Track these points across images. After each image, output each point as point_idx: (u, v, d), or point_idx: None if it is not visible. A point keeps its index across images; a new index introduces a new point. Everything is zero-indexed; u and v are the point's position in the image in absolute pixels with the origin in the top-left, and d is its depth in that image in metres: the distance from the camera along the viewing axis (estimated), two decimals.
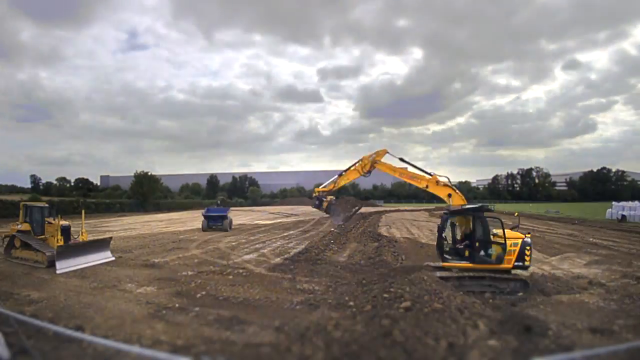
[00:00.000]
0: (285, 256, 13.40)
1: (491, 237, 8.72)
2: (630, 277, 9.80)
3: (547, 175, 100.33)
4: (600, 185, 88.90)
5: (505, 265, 8.58)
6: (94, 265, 11.44)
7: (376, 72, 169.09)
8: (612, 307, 7.19)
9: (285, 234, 21.24)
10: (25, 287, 8.79)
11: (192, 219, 33.98)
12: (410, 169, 21.03)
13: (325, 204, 26.87)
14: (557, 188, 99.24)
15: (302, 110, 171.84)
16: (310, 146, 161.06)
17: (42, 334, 4.70)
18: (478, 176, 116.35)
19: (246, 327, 6.09)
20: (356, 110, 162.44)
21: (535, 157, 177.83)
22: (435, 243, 16.73)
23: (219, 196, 68.41)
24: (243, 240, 18.12)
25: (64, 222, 12.46)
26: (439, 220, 27.74)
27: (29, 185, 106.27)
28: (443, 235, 9.33)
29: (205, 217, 23.01)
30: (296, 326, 5.93)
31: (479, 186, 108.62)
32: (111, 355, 3.97)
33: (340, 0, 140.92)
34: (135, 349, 3.85)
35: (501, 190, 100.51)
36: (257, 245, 16.31)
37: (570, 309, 6.98)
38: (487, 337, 4.56)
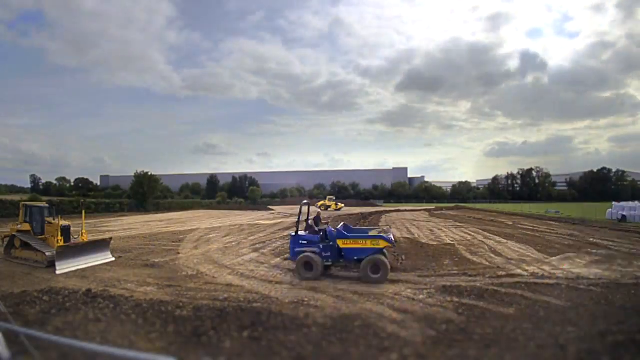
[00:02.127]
0: (285, 256, 13.40)
1: None
2: (630, 277, 9.80)
3: (548, 175, 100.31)
4: (600, 186, 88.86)
5: None
6: (93, 266, 11.44)
7: None
8: None
9: (285, 234, 21.23)
10: (24, 287, 8.78)
11: (192, 219, 34.01)
12: None
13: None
14: (557, 188, 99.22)
15: None
16: None
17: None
18: None
19: (241, 329, 6.08)
20: None
21: None
22: (435, 244, 16.81)
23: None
24: (243, 240, 18.13)
25: (64, 222, 12.47)
26: (439, 220, 27.65)
27: (28, 185, 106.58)
28: None
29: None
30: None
31: (479, 186, 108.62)
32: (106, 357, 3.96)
33: None
34: (126, 351, 3.84)
35: (501, 190, 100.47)
36: (257, 245, 16.31)
37: None
38: None
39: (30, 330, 4.33)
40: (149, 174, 54.34)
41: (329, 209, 51.92)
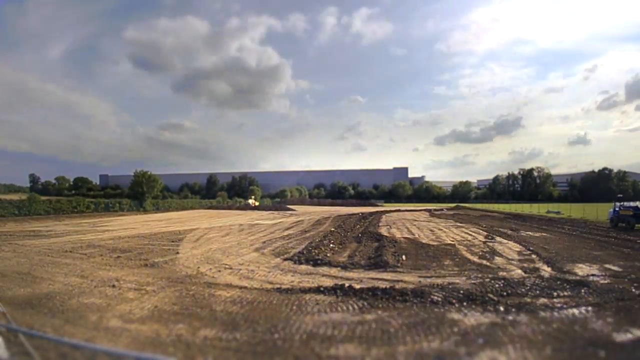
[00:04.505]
0: (285, 256, 13.37)
1: None
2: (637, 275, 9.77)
3: (549, 175, 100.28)
4: (601, 186, 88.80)
5: None
6: (92, 265, 11.41)
7: None
8: None
9: (285, 234, 21.22)
10: (25, 287, 8.74)
11: (192, 219, 33.96)
12: None
13: None
14: (558, 188, 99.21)
15: None
16: None
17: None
18: None
19: (243, 329, 6.04)
20: None
21: None
22: (436, 244, 16.77)
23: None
24: (243, 240, 18.10)
25: None
26: (439, 220, 27.78)
27: (27, 184, 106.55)
28: None
29: None
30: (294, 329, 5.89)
31: (480, 186, 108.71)
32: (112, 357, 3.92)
33: None
34: (126, 351, 3.81)
35: (502, 190, 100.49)
36: (257, 245, 16.27)
37: None
38: None
39: (30, 330, 4.30)
40: (148, 173, 54.35)
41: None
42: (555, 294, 8.04)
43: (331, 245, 16.22)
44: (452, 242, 17.20)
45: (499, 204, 73.38)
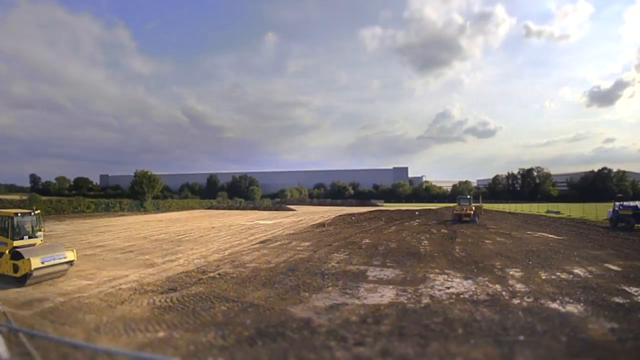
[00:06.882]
0: (284, 257, 13.38)
1: None
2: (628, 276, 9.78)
3: (548, 175, 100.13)
4: (601, 186, 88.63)
5: None
6: (93, 265, 11.43)
7: None
8: None
9: (286, 233, 21.22)
10: (26, 287, 8.76)
11: (192, 219, 33.96)
12: None
13: None
14: (557, 188, 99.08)
15: None
16: None
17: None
18: None
19: (241, 330, 6.06)
20: None
21: None
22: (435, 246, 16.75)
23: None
24: (244, 240, 18.11)
25: None
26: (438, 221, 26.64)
27: (28, 184, 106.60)
28: None
29: None
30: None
31: (480, 186, 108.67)
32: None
33: None
34: (127, 351, 3.84)
35: (502, 190, 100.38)
36: (257, 246, 16.29)
37: None
38: None
39: (31, 330, 4.32)
40: (149, 173, 54.27)
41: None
42: None
43: (333, 246, 16.22)
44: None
45: (498, 203, 73.41)
